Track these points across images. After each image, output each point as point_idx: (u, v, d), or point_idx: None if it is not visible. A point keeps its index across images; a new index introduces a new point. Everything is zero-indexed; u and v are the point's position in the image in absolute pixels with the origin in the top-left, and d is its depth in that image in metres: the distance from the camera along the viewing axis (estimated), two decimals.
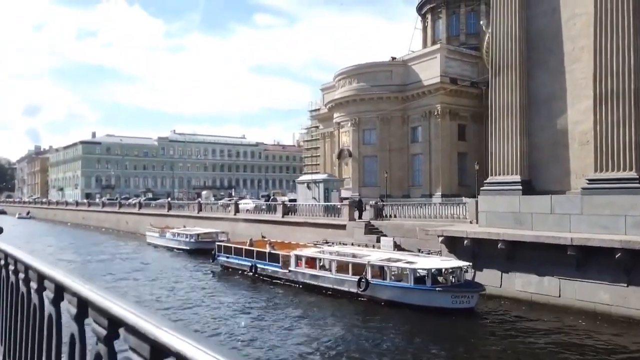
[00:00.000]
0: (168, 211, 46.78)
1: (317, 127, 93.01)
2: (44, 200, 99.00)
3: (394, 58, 70.16)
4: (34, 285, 2.03)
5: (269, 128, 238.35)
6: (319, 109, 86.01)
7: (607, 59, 14.83)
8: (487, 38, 43.64)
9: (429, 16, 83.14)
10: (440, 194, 59.78)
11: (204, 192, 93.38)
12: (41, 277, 1.90)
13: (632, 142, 14.36)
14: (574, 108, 16.26)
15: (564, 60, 16.48)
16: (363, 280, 17.18)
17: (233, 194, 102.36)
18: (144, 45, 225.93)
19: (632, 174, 14.39)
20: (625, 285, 14.07)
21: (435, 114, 61.83)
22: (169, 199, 68.89)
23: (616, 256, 13.84)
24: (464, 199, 33.98)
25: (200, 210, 42.05)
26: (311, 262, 20.25)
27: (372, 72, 66.38)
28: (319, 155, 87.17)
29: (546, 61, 16.93)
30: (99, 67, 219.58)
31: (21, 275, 2.19)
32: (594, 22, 15.15)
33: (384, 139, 65.50)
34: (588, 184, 15.39)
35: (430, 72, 62.16)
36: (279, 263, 21.42)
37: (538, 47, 17.15)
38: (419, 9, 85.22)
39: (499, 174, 18.12)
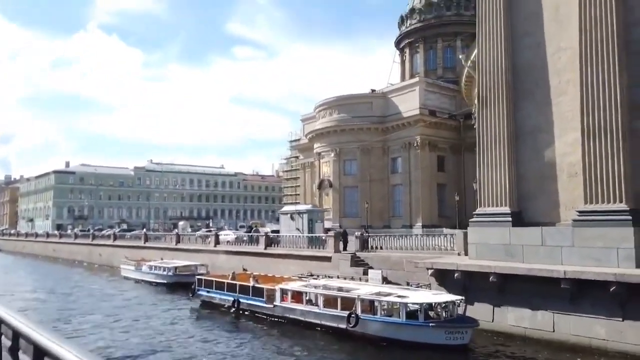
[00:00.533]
0: (144, 243, 45.26)
1: (297, 157, 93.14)
2: (12, 231, 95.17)
3: (373, 90, 71.31)
4: None
5: (248, 158, 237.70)
6: (299, 139, 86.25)
7: (594, 93, 15.02)
8: (465, 72, 44.68)
9: (407, 50, 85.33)
10: (420, 224, 59.89)
11: (180, 223, 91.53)
12: None
13: (622, 174, 14.41)
14: (561, 140, 16.35)
15: (550, 93, 16.67)
16: (353, 315, 16.52)
17: (211, 225, 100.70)
18: (122, 74, 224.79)
19: (622, 206, 14.37)
20: (621, 319, 13.81)
21: (415, 145, 62.59)
22: (145, 230, 67.04)
23: (611, 289, 13.62)
24: (444, 230, 33.89)
25: (178, 241, 40.80)
26: (297, 296, 19.50)
27: (353, 104, 67.21)
28: (299, 186, 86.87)
29: (532, 93, 17.11)
30: (74, 96, 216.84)
31: None
32: (579, 56, 15.41)
33: (364, 169, 65.76)
34: (578, 216, 15.31)
35: (409, 104, 63.26)
36: (263, 298, 20.58)
37: (524, 79, 17.36)
38: (397, 43, 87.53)
39: (488, 205, 17.97)
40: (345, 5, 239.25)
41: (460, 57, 46.91)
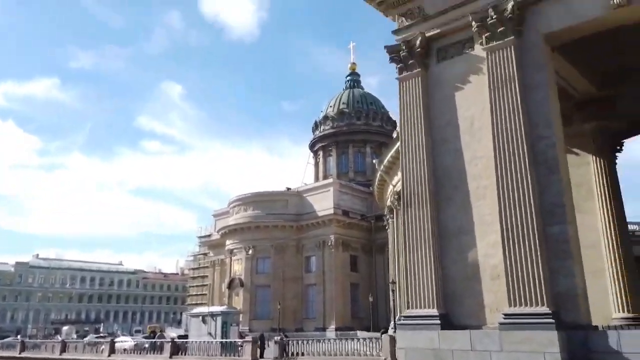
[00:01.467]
0: (20, 353, 38.42)
1: (205, 254, 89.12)
2: None
3: (289, 188, 72.46)
4: None
5: (150, 255, 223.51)
6: (210, 235, 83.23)
7: (510, 199, 16.03)
8: (378, 176, 47.03)
9: (320, 153, 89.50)
10: (334, 327, 58.31)
11: (64, 328, 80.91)
12: None
13: (541, 277, 14.97)
14: (483, 242, 16.94)
15: (470, 197, 17.56)
16: None
17: (101, 329, 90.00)
18: (13, 162, 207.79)
19: (545, 309, 14.73)
20: None
21: (329, 244, 63.03)
22: (19, 336, 57.68)
23: None
24: (359, 333, 32.94)
25: (63, 350, 35.14)
26: None
27: (268, 201, 67.31)
28: (206, 285, 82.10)
29: (454, 196, 17.91)
30: None
31: None
32: (495, 165, 16.63)
33: (278, 268, 64.25)
34: (504, 318, 15.40)
35: (324, 204, 64.73)
36: None
37: (445, 183, 18.23)
38: (312, 146, 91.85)
39: (416, 307, 17.62)
40: (260, 108, 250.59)
41: (373, 161, 49.71)
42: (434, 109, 19.29)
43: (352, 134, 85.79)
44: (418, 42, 19.59)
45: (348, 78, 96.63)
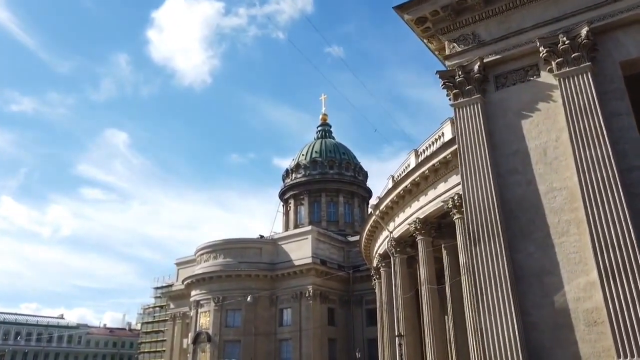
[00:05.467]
0: None
1: (162, 306, 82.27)
2: None
3: (262, 236, 68.87)
4: None
5: (80, 310, 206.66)
6: (170, 286, 77.09)
7: (604, 232, 14.33)
8: (370, 222, 44.84)
9: (291, 202, 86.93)
10: None
11: None
12: None
13: None
14: (571, 284, 14.94)
15: (550, 232, 15.71)
16: None
17: None
18: None
19: None
20: None
21: (307, 295, 59.32)
22: None
23: None
24: None
25: None
26: None
27: (241, 248, 63.31)
28: (164, 340, 74.90)
29: (530, 232, 16.01)
30: None
31: None
32: (582, 197, 15.02)
33: (249, 321, 59.46)
34: None
35: (301, 253, 61.50)
36: None
37: (519, 217, 16.36)
38: (282, 194, 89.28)
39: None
40: (208, 158, 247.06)
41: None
42: (497, 137, 17.73)
43: (326, 182, 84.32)
44: (476, 67, 18.30)
45: (319, 128, 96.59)
